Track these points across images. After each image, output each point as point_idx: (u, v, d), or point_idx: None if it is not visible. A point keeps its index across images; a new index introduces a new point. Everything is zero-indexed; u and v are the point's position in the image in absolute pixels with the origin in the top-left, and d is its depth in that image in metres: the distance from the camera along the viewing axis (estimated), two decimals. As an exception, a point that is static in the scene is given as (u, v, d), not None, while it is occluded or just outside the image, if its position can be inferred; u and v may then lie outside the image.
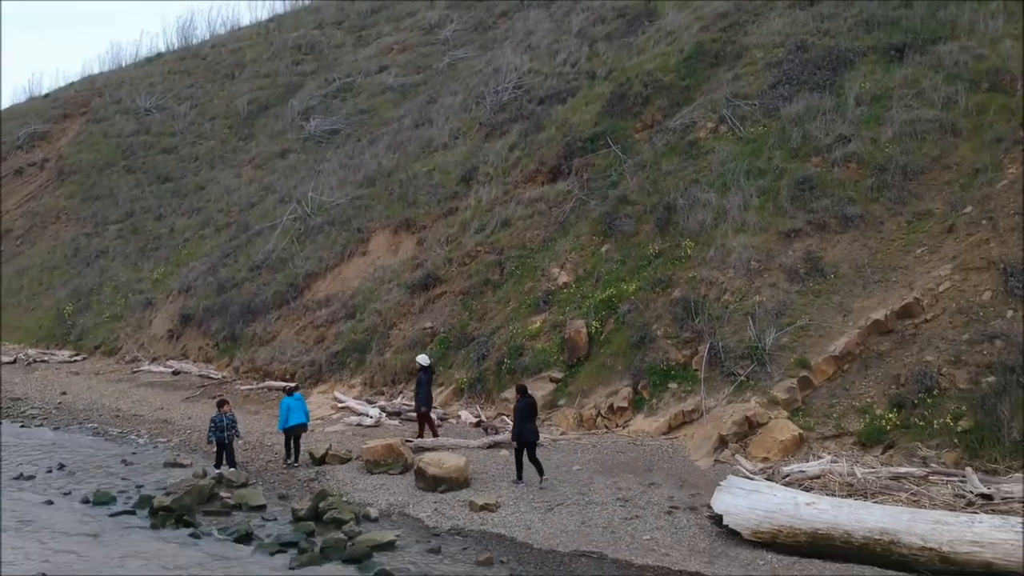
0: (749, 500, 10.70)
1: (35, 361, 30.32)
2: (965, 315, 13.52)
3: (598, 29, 29.39)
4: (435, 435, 16.07)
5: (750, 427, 13.60)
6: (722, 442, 13.61)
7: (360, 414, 18.41)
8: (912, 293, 14.37)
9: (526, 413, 13.26)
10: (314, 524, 12.42)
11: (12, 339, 33.79)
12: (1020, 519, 9.53)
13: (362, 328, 22.13)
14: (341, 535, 11.75)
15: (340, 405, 19.62)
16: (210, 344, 26.30)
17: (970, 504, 10.80)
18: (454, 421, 17.33)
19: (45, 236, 40.11)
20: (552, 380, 17.01)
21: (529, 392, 13.88)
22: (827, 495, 11.15)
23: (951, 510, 10.48)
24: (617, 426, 15.41)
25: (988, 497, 10.86)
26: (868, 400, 13.45)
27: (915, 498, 11.14)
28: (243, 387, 22.97)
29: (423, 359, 16.62)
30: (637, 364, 15.95)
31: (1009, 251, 13.88)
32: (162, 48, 55.41)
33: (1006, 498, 10.79)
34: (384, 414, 18.20)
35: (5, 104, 55.82)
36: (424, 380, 16.05)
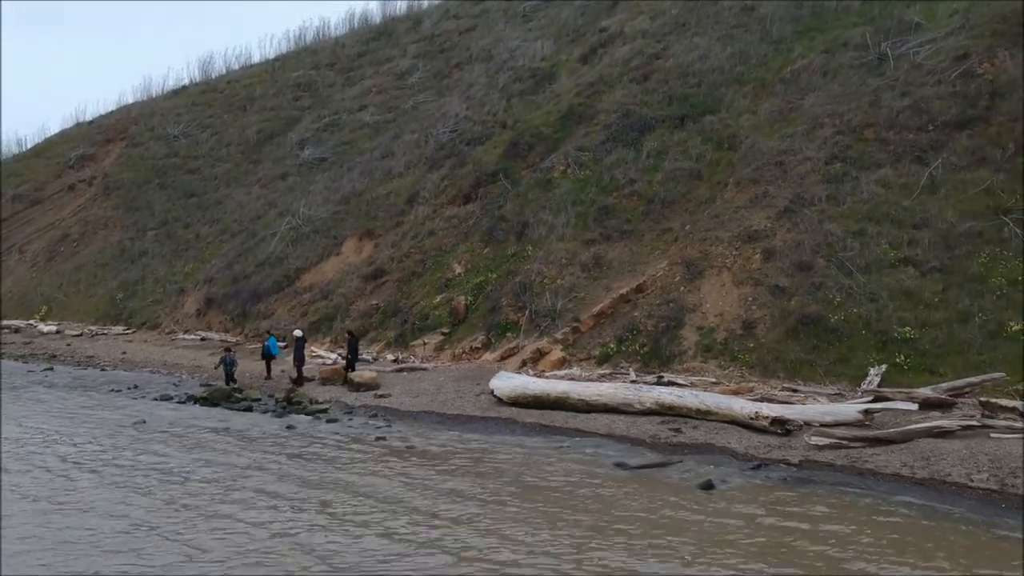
0: (507, 382, 20.59)
1: (97, 334, 40.64)
2: (662, 290, 23.32)
3: (516, 86, 39.21)
4: (301, 384, 24.82)
5: (540, 355, 23.48)
6: (523, 363, 23.48)
7: (324, 358, 28.46)
8: (643, 278, 24.21)
9: (353, 346, 24.49)
10: (286, 403, 22.46)
11: (75, 319, 44.14)
12: (623, 383, 19.45)
13: (331, 305, 32.16)
14: (299, 407, 21.80)
15: (313, 354, 29.67)
16: (227, 319, 36.43)
17: (624, 384, 20.60)
18: (382, 359, 27.29)
19: (96, 239, 50.45)
20: (442, 334, 26.97)
21: (354, 334, 25.51)
22: (552, 380, 21.00)
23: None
24: (474, 359, 25.34)
25: (635, 382, 20.69)
26: (607, 339, 23.24)
27: (601, 382, 20.97)
28: (250, 347, 33.05)
29: (297, 332, 26.32)
30: (490, 322, 25.88)
31: (693, 253, 23.66)
32: (186, 81, 65.53)
33: (641, 382, 20.61)
34: (339, 357, 28.23)
35: (56, 129, 65.89)
36: (299, 346, 25.39)
